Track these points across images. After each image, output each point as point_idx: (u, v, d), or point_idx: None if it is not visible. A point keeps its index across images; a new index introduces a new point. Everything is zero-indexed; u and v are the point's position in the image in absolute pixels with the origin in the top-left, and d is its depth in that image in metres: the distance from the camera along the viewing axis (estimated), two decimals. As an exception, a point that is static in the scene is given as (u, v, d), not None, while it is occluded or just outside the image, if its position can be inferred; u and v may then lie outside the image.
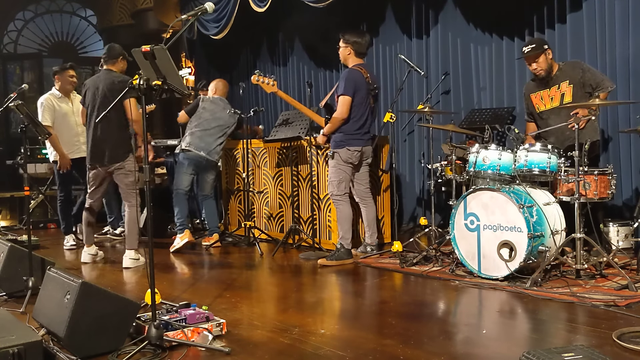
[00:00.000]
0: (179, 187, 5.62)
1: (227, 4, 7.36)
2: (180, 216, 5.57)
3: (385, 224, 5.57)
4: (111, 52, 5.10)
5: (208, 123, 5.64)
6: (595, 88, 4.32)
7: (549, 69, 4.41)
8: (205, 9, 3.26)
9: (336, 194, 4.74)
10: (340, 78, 4.75)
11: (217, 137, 5.67)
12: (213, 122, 5.66)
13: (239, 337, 2.93)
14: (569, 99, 4.35)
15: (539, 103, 4.57)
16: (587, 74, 4.36)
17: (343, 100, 4.63)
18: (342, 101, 4.63)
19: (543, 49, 4.35)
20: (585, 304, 3.26)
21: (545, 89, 4.50)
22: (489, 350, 2.68)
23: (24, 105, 4.13)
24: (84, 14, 10.81)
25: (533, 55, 4.36)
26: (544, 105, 4.54)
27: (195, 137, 5.59)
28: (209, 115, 5.67)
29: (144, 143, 3.18)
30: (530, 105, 4.68)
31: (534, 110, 4.63)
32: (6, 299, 3.79)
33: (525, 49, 4.40)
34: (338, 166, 4.71)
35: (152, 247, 2.80)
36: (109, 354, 2.66)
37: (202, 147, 5.56)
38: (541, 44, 4.37)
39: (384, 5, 6.72)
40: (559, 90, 4.43)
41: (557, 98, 4.44)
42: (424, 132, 6.21)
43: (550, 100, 4.49)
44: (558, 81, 4.43)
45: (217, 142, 5.67)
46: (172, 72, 2.93)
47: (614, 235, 4.46)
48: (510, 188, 3.95)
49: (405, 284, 4.08)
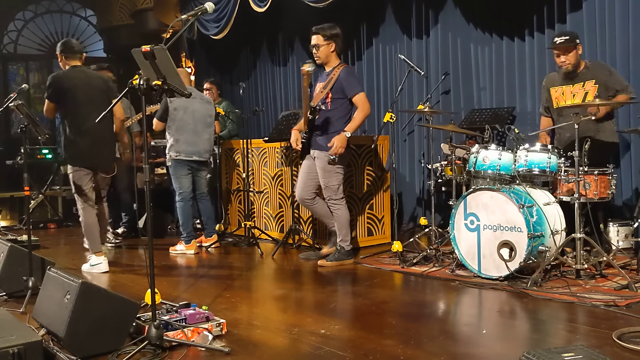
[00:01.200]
0: (182, 189, 5.39)
1: (227, 4, 7.37)
2: (186, 226, 5.39)
3: (385, 224, 5.57)
4: (75, 46, 4.87)
5: (187, 124, 5.32)
6: (618, 91, 4.26)
7: (576, 64, 4.29)
8: (205, 9, 3.26)
9: (335, 198, 4.58)
10: (343, 79, 4.45)
11: (203, 133, 5.43)
12: (191, 120, 5.34)
13: (239, 337, 2.93)
14: (591, 99, 4.22)
15: (559, 98, 4.45)
16: (614, 77, 4.29)
17: (364, 97, 4.47)
18: (364, 98, 4.47)
19: (575, 43, 4.23)
20: (585, 304, 3.26)
21: (569, 85, 4.38)
22: (489, 350, 2.68)
23: (24, 105, 4.13)
24: (84, 14, 10.81)
25: (564, 48, 4.23)
26: (564, 101, 4.41)
27: (182, 144, 5.30)
28: (183, 113, 5.31)
29: (144, 143, 3.18)
30: (548, 99, 4.55)
31: (551, 105, 4.51)
32: (6, 299, 3.79)
33: (557, 39, 4.26)
34: (338, 170, 4.55)
35: (151, 247, 2.80)
36: (109, 354, 2.66)
37: (192, 152, 5.35)
38: (574, 38, 4.24)
39: (384, 5, 6.72)
40: (583, 88, 4.32)
41: (579, 96, 4.32)
42: (424, 132, 6.22)
43: (572, 97, 4.37)
44: (584, 79, 4.32)
45: (205, 139, 5.44)
46: (172, 72, 2.93)
47: (614, 235, 4.46)
48: (510, 188, 3.95)
49: (405, 284, 4.08)
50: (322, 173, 4.55)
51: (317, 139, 4.56)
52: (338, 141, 4.38)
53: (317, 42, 4.50)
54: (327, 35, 4.47)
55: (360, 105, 4.46)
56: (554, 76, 4.53)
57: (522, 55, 5.56)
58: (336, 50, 4.53)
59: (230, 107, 6.92)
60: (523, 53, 5.55)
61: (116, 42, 9.94)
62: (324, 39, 4.48)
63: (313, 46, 4.53)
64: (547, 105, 4.60)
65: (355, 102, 4.49)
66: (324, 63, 4.58)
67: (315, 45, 4.51)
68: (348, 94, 4.47)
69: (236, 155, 6.34)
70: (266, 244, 5.64)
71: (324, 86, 4.51)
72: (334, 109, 4.50)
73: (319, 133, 4.54)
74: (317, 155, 4.56)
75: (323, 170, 4.53)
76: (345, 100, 4.51)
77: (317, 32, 4.50)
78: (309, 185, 4.71)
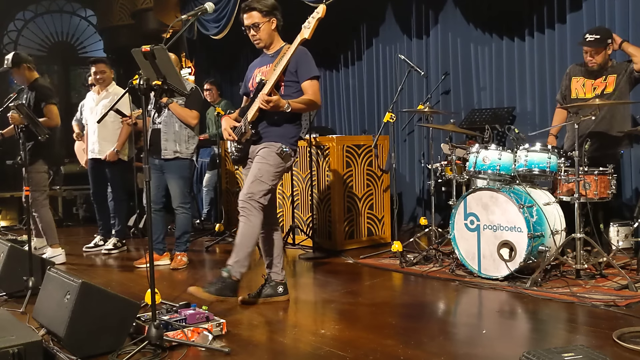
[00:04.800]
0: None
1: (227, 4, 7.37)
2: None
3: (385, 224, 5.57)
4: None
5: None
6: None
7: (603, 64, 4.22)
8: (205, 9, 3.26)
9: (258, 199, 3.40)
10: (299, 59, 3.49)
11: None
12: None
13: (239, 337, 2.92)
14: (610, 90, 4.20)
15: (578, 89, 4.37)
16: (631, 64, 4.16)
17: (317, 85, 3.56)
18: (317, 86, 3.56)
19: (606, 43, 4.13)
20: (585, 304, 3.26)
21: (590, 79, 4.33)
22: (489, 350, 2.67)
23: (24, 105, 4.13)
24: (84, 14, 10.81)
25: (594, 47, 4.15)
26: (584, 93, 4.34)
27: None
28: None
29: (145, 143, 3.18)
30: (568, 87, 4.45)
31: (569, 94, 4.42)
32: (6, 299, 3.79)
33: (588, 36, 4.15)
34: (278, 168, 3.50)
35: (151, 247, 2.80)
36: (109, 354, 2.66)
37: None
38: (605, 38, 4.13)
39: (384, 5, 6.72)
40: (605, 82, 4.26)
41: (599, 89, 4.26)
42: (424, 132, 6.22)
43: (593, 90, 4.30)
44: (606, 74, 4.26)
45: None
46: (172, 72, 2.93)
47: (614, 235, 4.46)
48: (510, 188, 3.95)
49: (405, 284, 4.08)
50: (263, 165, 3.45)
51: (266, 128, 3.53)
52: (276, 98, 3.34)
53: (255, 21, 3.52)
54: (265, 10, 3.52)
55: (311, 93, 3.50)
56: (579, 67, 4.43)
57: (522, 55, 5.56)
58: (278, 27, 3.62)
59: (229, 107, 6.92)
60: (523, 53, 5.55)
61: (116, 42, 9.94)
62: (263, 15, 3.52)
63: (249, 27, 3.54)
64: (565, 94, 4.48)
65: (304, 89, 3.51)
66: (265, 46, 3.61)
67: (253, 25, 3.53)
68: (301, 77, 3.51)
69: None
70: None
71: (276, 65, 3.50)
72: (286, 95, 3.49)
73: (268, 123, 3.53)
74: (266, 146, 3.50)
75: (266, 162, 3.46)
76: (298, 86, 3.54)
77: (251, 8, 3.52)
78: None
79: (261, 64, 3.68)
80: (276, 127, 3.52)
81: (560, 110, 4.59)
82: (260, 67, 3.67)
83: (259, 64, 3.70)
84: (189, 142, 4.74)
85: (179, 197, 4.72)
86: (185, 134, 4.72)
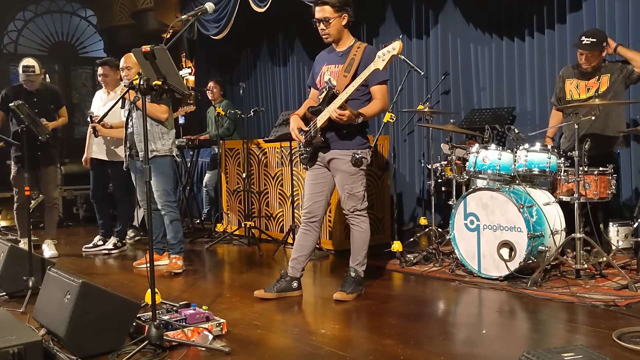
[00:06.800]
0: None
1: (227, 4, 7.37)
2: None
3: (385, 224, 5.57)
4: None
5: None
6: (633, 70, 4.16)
7: (597, 66, 4.23)
8: (205, 9, 3.26)
9: (360, 208, 3.62)
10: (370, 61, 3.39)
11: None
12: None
13: (239, 337, 2.93)
14: (604, 89, 4.20)
15: (572, 90, 4.40)
16: (629, 66, 4.19)
17: (386, 89, 3.55)
18: (386, 89, 3.55)
19: (602, 47, 4.14)
20: (585, 304, 3.26)
21: (584, 80, 4.34)
22: (489, 350, 2.68)
23: (25, 105, 4.14)
24: (84, 14, 10.81)
25: (590, 50, 4.15)
26: (578, 95, 4.36)
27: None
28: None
29: (145, 142, 3.18)
30: (562, 90, 4.47)
31: (564, 97, 4.45)
32: (6, 299, 3.79)
33: (584, 39, 4.14)
34: (359, 174, 3.59)
35: (151, 247, 2.80)
36: (109, 354, 2.66)
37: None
38: (601, 41, 4.12)
39: (384, 5, 6.72)
40: (598, 82, 4.27)
41: (593, 90, 4.26)
42: (424, 132, 6.22)
43: (587, 91, 4.31)
44: (599, 74, 4.27)
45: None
46: (172, 72, 2.93)
47: (613, 235, 4.46)
48: (510, 188, 3.96)
49: (405, 284, 4.08)
50: (346, 178, 3.56)
51: (335, 136, 3.54)
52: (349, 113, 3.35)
53: (326, 15, 3.47)
54: (338, 5, 3.46)
55: (380, 97, 3.52)
56: (572, 69, 4.46)
57: (522, 55, 5.56)
58: (349, 23, 3.56)
59: (230, 106, 6.92)
60: (523, 53, 5.55)
61: (116, 42, 9.94)
62: (335, 10, 3.46)
63: (320, 20, 3.49)
64: (560, 96, 4.51)
65: (374, 93, 3.52)
66: (334, 41, 3.59)
67: (324, 19, 3.47)
68: (371, 81, 3.49)
69: (236, 155, 6.35)
70: (266, 244, 5.65)
71: (346, 69, 3.48)
72: (355, 99, 3.49)
73: (338, 131, 3.53)
74: (337, 156, 3.55)
75: (347, 174, 3.55)
76: (367, 89, 3.54)
77: (324, 2, 3.45)
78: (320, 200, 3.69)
79: (329, 61, 3.65)
80: (346, 135, 3.55)
81: (556, 113, 4.61)
82: (328, 65, 3.64)
83: (327, 60, 3.67)
84: (163, 138, 4.50)
85: (163, 195, 4.46)
86: (158, 131, 4.48)
